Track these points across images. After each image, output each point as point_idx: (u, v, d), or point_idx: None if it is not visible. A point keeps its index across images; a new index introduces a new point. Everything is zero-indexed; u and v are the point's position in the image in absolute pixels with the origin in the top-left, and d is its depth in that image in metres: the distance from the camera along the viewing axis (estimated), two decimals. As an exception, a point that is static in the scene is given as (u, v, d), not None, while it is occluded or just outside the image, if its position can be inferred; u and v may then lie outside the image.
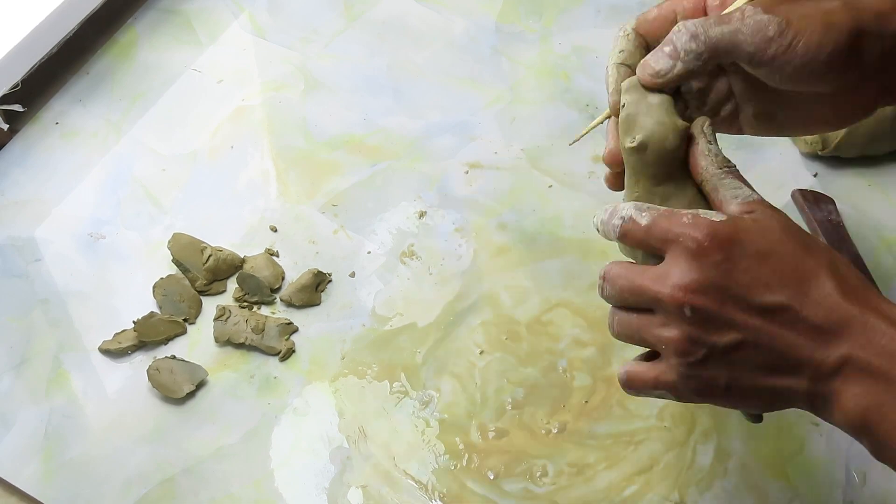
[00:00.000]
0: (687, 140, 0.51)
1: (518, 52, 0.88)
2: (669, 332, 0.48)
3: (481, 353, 0.70)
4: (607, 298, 0.51)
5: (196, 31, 0.89)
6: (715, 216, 0.48)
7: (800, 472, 0.64)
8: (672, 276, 0.47)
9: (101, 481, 0.64)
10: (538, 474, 0.64)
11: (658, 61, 0.51)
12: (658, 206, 0.50)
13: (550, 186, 0.78)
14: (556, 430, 0.66)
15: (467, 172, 0.79)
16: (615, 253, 0.74)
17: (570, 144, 0.62)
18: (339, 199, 0.78)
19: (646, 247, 0.50)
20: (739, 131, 0.58)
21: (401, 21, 0.90)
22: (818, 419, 0.66)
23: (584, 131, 0.59)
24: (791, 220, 0.49)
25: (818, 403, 0.47)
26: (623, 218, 0.50)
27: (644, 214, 0.49)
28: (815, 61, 0.50)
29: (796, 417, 0.66)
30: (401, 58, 0.87)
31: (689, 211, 0.49)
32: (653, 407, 0.67)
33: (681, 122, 0.51)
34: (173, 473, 0.65)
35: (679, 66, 0.51)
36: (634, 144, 0.51)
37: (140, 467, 0.65)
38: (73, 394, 0.68)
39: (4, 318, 0.72)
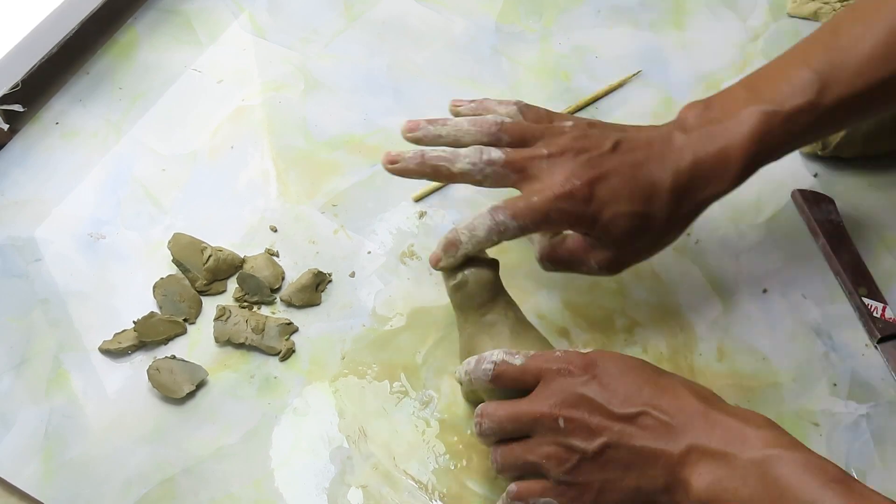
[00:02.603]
0: (497, 271, 0.63)
1: (518, 52, 0.88)
2: (548, 447, 0.55)
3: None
4: (485, 435, 0.58)
5: (196, 31, 0.89)
6: (582, 350, 0.58)
7: (800, 472, 0.64)
8: (548, 397, 0.55)
9: (101, 481, 0.64)
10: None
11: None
12: (527, 351, 0.58)
13: (550, 186, 0.78)
14: (556, 430, 0.66)
15: (467, 172, 0.79)
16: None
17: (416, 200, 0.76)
18: (339, 199, 0.78)
19: (519, 383, 0.57)
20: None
21: (401, 21, 0.90)
22: (818, 419, 0.67)
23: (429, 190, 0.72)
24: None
25: (675, 490, 0.53)
26: (494, 362, 0.58)
27: (517, 357, 0.57)
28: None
29: (796, 417, 0.66)
30: (401, 58, 0.87)
31: (559, 350, 0.58)
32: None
33: (490, 258, 0.63)
34: (173, 473, 0.65)
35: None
36: (456, 281, 0.62)
37: (140, 467, 0.65)
38: (73, 394, 0.68)
39: (4, 318, 0.72)
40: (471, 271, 0.62)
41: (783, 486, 0.48)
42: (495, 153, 0.62)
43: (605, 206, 0.61)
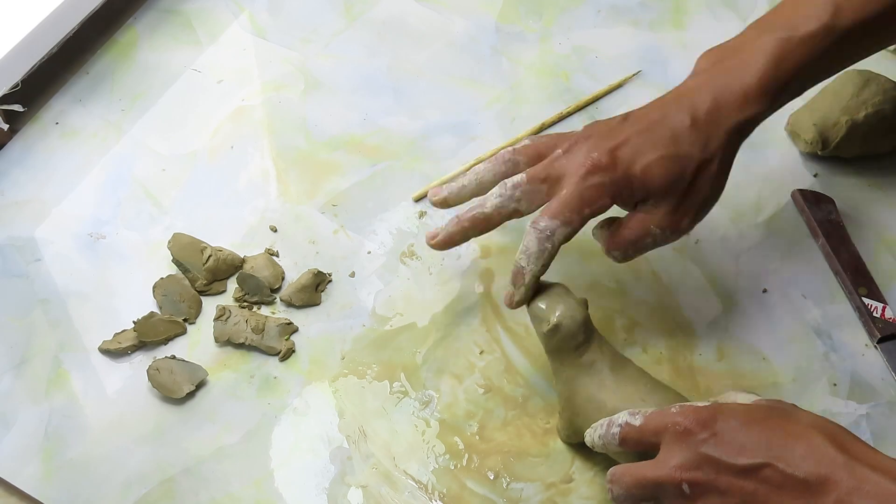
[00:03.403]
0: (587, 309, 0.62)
1: (518, 52, 0.88)
2: None
3: (481, 353, 0.70)
4: (617, 500, 0.56)
5: (196, 31, 0.89)
6: (699, 404, 0.54)
7: (800, 472, 0.64)
8: (669, 461, 0.52)
9: (101, 481, 0.64)
10: (538, 474, 0.64)
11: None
12: (649, 408, 0.56)
13: (550, 186, 0.78)
14: (556, 430, 0.66)
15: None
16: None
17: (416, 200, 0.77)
18: (339, 199, 0.78)
19: (643, 445, 0.55)
20: None
21: (401, 21, 0.90)
22: (818, 419, 0.66)
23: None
24: (787, 404, 0.55)
25: None
26: (620, 425, 0.56)
27: (637, 416, 0.55)
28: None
29: (796, 417, 0.66)
30: (401, 58, 0.87)
31: (677, 404, 0.55)
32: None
33: (580, 298, 0.62)
34: (173, 473, 0.65)
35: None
36: (550, 326, 0.60)
37: (140, 467, 0.65)
38: (73, 394, 0.68)
39: (4, 318, 0.72)
40: (562, 313, 0.60)
41: None
42: (517, 177, 0.64)
43: (632, 164, 0.61)
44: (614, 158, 0.62)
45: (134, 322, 0.70)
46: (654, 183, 0.62)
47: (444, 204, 0.68)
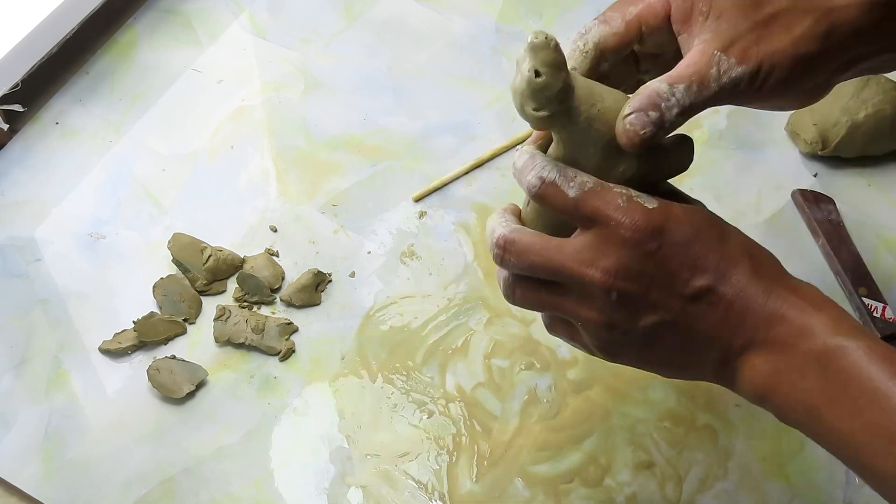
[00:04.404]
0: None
1: (518, 52, 0.87)
2: (590, 313, 0.48)
3: (482, 353, 0.70)
4: (507, 267, 0.50)
5: (196, 31, 0.89)
6: (648, 202, 0.47)
7: (800, 472, 0.64)
8: (601, 260, 0.46)
9: (101, 481, 0.64)
10: (541, 472, 0.64)
11: (644, 126, 0.47)
12: (585, 177, 0.47)
13: (550, 186, 0.78)
14: (556, 430, 0.66)
15: (467, 172, 0.79)
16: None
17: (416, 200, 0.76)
18: (339, 199, 0.78)
19: (567, 216, 0.48)
20: None
21: (401, 21, 0.90)
22: (818, 419, 0.66)
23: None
24: (708, 211, 0.51)
25: (724, 375, 0.48)
26: (542, 179, 0.48)
27: (572, 186, 0.47)
28: (790, 94, 0.51)
29: (796, 417, 0.66)
30: (401, 58, 0.87)
31: (622, 190, 0.47)
32: (653, 408, 0.67)
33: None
34: (173, 473, 0.65)
35: (659, 134, 0.47)
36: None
37: (140, 467, 0.65)
38: (73, 394, 0.68)
39: (4, 318, 0.72)
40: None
41: (845, 379, 0.44)
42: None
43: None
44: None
45: (134, 322, 0.70)
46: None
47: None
